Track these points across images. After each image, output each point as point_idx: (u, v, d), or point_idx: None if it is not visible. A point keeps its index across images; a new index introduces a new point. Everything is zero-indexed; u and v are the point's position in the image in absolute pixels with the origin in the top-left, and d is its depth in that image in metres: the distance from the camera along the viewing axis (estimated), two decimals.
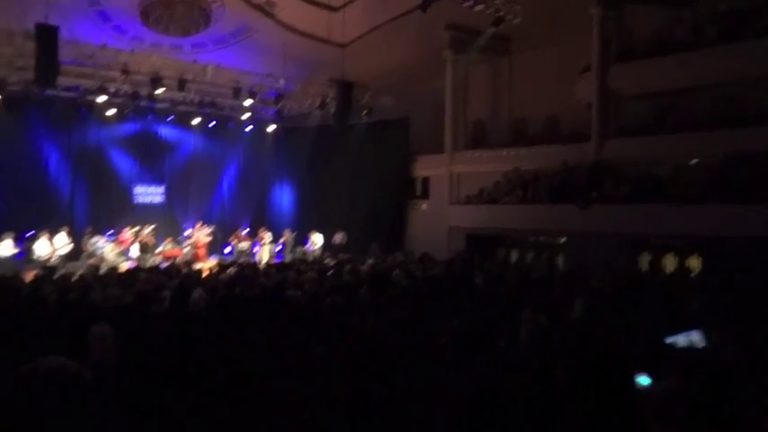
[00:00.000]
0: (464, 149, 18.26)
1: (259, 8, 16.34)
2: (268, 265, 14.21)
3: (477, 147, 18.33)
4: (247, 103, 17.85)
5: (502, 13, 14.15)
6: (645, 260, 13.29)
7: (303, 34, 17.20)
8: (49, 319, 6.65)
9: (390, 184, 19.68)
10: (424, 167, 19.60)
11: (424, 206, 19.53)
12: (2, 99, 15.72)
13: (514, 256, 16.68)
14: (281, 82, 17.83)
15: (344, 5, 15.28)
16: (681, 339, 4.56)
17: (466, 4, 13.34)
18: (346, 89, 16.06)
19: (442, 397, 3.99)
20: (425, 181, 19.67)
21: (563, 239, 15.26)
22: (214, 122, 20.19)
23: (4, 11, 11.96)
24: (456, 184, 18.24)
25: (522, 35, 17.02)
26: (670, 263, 12.97)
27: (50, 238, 14.97)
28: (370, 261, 14.22)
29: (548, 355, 5.40)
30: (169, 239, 17.97)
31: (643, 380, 2.75)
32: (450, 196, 18.17)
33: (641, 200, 12.76)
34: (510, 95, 18.36)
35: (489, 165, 17.31)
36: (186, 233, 18.60)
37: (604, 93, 14.89)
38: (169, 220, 19.56)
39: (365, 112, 18.90)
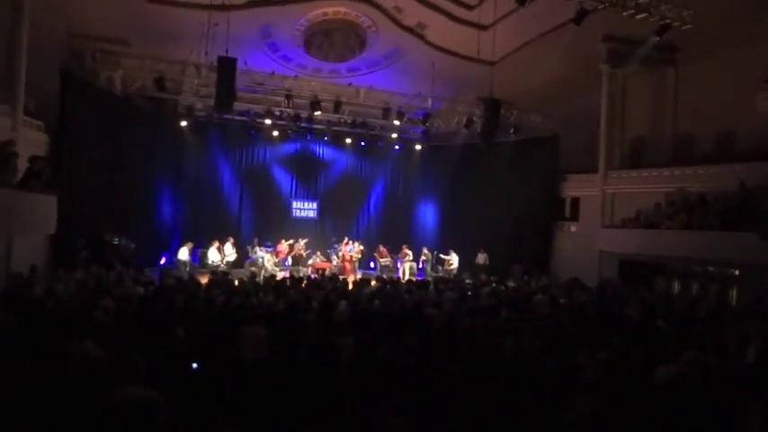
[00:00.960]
0: (620, 168, 16.98)
1: (411, 30, 16.97)
2: (409, 281, 14.45)
3: (634, 166, 16.91)
4: (396, 122, 18.48)
5: (668, 21, 13.00)
6: None
7: (452, 54, 17.47)
8: (215, 317, 7.44)
9: (537, 204, 18.97)
10: (575, 187, 18.59)
11: (572, 228, 18.49)
12: (189, 124, 18.14)
13: (676, 286, 15.04)
14: (429, 102, 18.22)
15: (495, 23, 15.19)
16: None
17: (626, 13, 12.48)
18: (494, 106, 15.88)
19: None
20: (575, 202, 18.61)
21: (736, 271, 13.42)
22: (364, 142, 21.21)
23: (194, 47, 13.84)
24: (609, 206, 16.98)
25: (690, 43, 15.48)
26: None
27: (220, 247, 16.83)
28: (512, 284, 13.81)
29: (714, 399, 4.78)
30: (319, 252, 19.14)
31: None
32: (603, 218, 16.95)
33: None
34: (675, 110, 16.69)
35: (648, 185, 15.87)
36: (335, 247, 19.64)
37: None
38: (320, 234, 20.90)
39: (513, 130, 18.52)
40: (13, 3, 11.16)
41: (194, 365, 5.18)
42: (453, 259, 18.92)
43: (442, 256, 19.60)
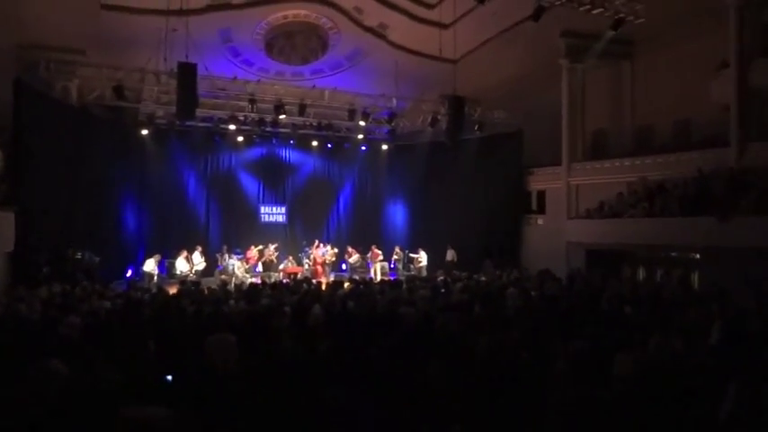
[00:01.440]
0: (583, 160, 17.38)
1: (372, 31, 17.00)
2: (382, 281, 14.47)
3: (596, 157, 17.35)
4: (362, 123, 18.48)
5: (622, 15, 13.38)
6: None
7: (415, 53, 17.58)
8: (186, 328, 7.30)
9: (504, 198, 19.25)
10: (540, 181, 18.94)
11: (539, 221, 18.84)
12: (150, 132, 17.74)
13: (641, 273, 15.47)
14: (394, 101, 18.27)
15: (455, 21, 15.36)
16: None
17: (582, 9, 12.79)
18: (458, 104, 16.04)
19: (559, 423, 3.78)
20: (541, 195, 18.97)
21: (697, 255, 13.90)
22: (331, 144, 21.14)
23: (152, 54, 13.54)
24: (574, 198, 17.38)
25: (644, 36, 15.98)
26: None
27: (188, 257, 16.51)
28: (484, 278, 13.97)
29: (681, 383, 4.93)
30: (290, 257, 18.98)
31: None
32: (569, 210, 17.34)
33: None
34: (633, 101, 17.22)
35: (611, 176, 16.32)
36: (306, 250, 19.50)
37: (745, 91, 13.46)
38: (290, 239, 20.72)
39: (477, 126, 18.74)
40: None
41: (169, 378, 5.07)
42: (422, 257, 19.05)
43: (411, 255, 19.71)
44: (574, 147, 17.46)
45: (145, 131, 17.62)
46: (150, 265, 15.64)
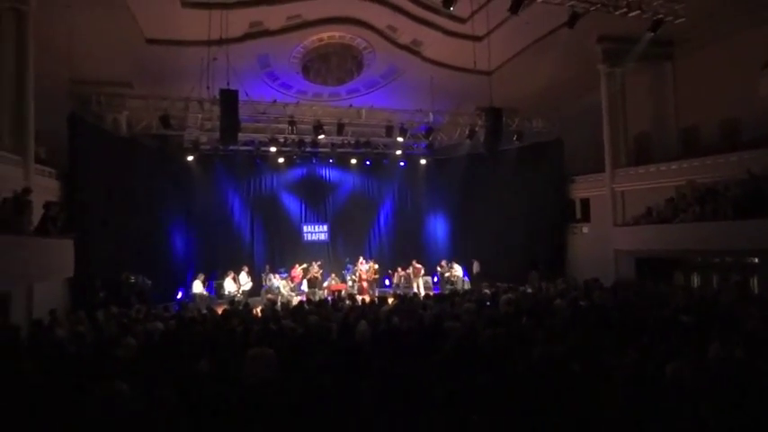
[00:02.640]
0: (626, 166, 16.94)
1: (406, 48, 17.17)
2: (426, 296, 14.41)
3: (641, 162, 16.86)
4: (399, 139, 18.59)
5: (660, 16, 13.07)
6: None
7: (449, 67, 17.62)
8: (236, 347, 7.45)
9: (547, 208, 18.93)
10: (583, 188, 18.54)
11: (585, 229, 18.40)
12: (196, 158, 18.37)
13: (696, 280, 14.88)
14: (431, 116, 18.32)
15: (488, 33, 15.35)
16: None
17: (618, 12, 12.57)
18: (495, 115, 15.96)
19: None
20: (585, 203, 18.56)
21: (755, 259, 13.27)
22: (370, 161, 21.34)
23: (195, 83, 14.07)
24: (620, 204, 16.90)
25: (686, 36, 15.55)
26: None
27: (235, 277, 16.89)
28: (530, 290, 13.73)
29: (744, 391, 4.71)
30: (333, 274, 19.15)
31: None
32: (615, 218, 16.88)
33: None
34: (676, 103, 16.70)
35: (657, 180, 15.82)
36: (349, 267, 19.64)
37: None
38: (333, 256, 20.94)
39: (516, 136, 18.58)
40: (17, 53, 11.43)
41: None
42: (457, 270, 18.92)
43: (439, 268, 19.64)
44: (617, 152, 17.04)
45: (190, 157, 18.26)
46: (198, 287, 16.07)
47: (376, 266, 19.63)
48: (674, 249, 14.54)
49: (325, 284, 18.64)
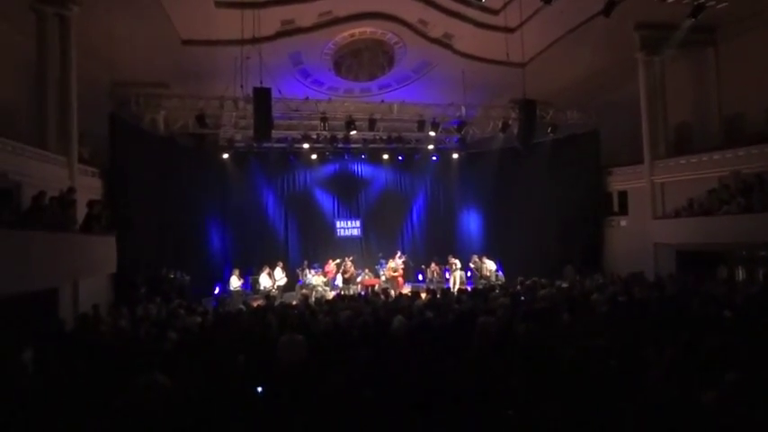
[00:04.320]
0: (666, 157, 16.43)
1: (438, 42, 17.05)
2: (459, 290, 14.34)
3: (681, 153, 16.32)
4: (432, 134, 18.51)
5: (701, 1, 12.62)
6: None
7: (481, 60, 17.42)
8: (271, 341, 7.58)
9: (583, 200, 18.53)
10: (621, 180, 18.08)
11: (623, 222, 17.95)
12: (231, 155, 18.70)
13: (740, 274, 14.36)
14: (463, 110, 18.15)
15: (521, 24, 15.11)
16: None
17: None
18: (529, 108, 15.70)
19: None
20: (623, 195, 18.08)
21: None
22: (402, 156, 21.31)
23: (229, 82, 14.33)
24: (660, 197, 16.43)
25: (729, 21, 14.98)
26: None
27: (270, 273, 17.15)
28: (565, 284, 13.51)
29: None
30: (367, 269, 19.24)
31: None
32: (654, 210, 16.42)
33: None
34: (719, 91, 16.06)
35: (699, 171, 15.30)
36: (382, 263, 19.68)
37: None
38: (366, 251, 21.04)
39: (550, 129, 18.25)
40: (61, 58, 11.85)
41: (259, 389, 5.29)
42: (489, 265, 18.76)
43: (471, 264, 19.46)
44: (656, 143, 16.55)
45: (225, 155, 18.60)
46: (235, 282, 16.39)
47: (403, 260, 19.56)
48: (717, 242, 14.06)
49: (359, 279, 18.74)
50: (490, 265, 18.77)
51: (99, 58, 14.12)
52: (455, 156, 21.72)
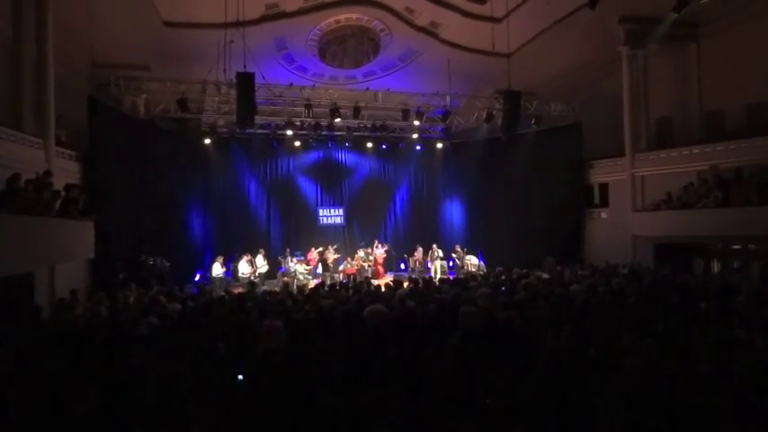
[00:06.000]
0: (647, 150, 16.65)
1: (424, 30, 16.97)
2: (441, 280, 14.41)
3: (662, 146, 16.55)
4: (416, 123, 18.47)
5: None
6: None
7: (467, 49, 17.41)
8: (251, 328, 7.54)
9: (565, 192, 18.73)
10: (602, 173, 18.30)
11: (603, 215, 18.20)
12: (213, 141, 18.47)
13: (716, 267, 14.66)
14: (447, 99, 18.14)
15: (508, 15, 15.11)
16: None
17: None
18: (513, 99, 15.74)
19: (629, 423, 3.66)
20: (603, 188, 18.32)
21: None
22: (386, 145, 21.26)
23: (212, 66, 14.09)
24: (640, 189, 16.66)
25: (711, 16, 15.18)
26: None
27: (251, 260, 17.02)
28: (546, 275, 13.65)
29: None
30: (349, 258, 19.22)
31: None
32: (634, 203, 16.66)
33: None
34: (700, 86, 16.28)
35: (678, 165, 15.54)
36: (364, 251, 19.67)
37: None
38: (348, 240, 21.00)
39: (534, 120, 18.33)
40: (37, 37, 11.52)
41: (240, 377, 5.26)
42: (472, 260, 18.93)
43: (453, 254, 19.66)
44: (637, 136, 16.75)
45: (207, 141, 18.35)
46: (217, 269, 16.25)
47: (384, 248, 19.62)
48: (694, 235, 14.34)
49: (341, 268, 18.72)
50: (473, 260, 18.89)
51: (77, 38, 13.76)
52: (439, 145, 21.72)
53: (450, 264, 19.62)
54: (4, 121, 10.51)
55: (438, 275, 17.56)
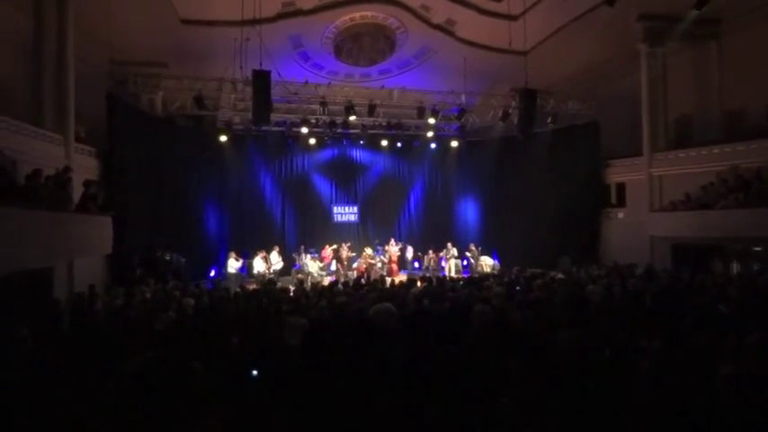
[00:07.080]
0: (666, 150, 16.41)
1: (440, 28, 16.90)
2: (455, 278, 14.36)
3: (681, 146, 16.29)
4: (431, 121, 18.41)
5: None
6: None
7: (483, 47, 17.29)
8: (266, 324, 7.59)
9: (581, 192, 18.54)
10: (619, 173, 18.08)
11: (620, 215, 17.99)
12: (229, 138, 18.60)
13: (735, 268, 14.41)
14: (463, 98, 18.07)
15: (524, 12, 14.98)
16: None
17: None
18: (529, 97, 15.61)
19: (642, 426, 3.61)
20: (620, 187, 18.10)
21: None
22: (401, 143, 21.23)
23: (228, 64, 14.18)
24: (657, 189, 16.44)
25: (733, 13, 14.89)
26: None
27: (265, 257, 17.13)
28: (560, 275, 13.53)
29: None
30: (363, 255, 19.25)
31: None
32: (651, 203, 16.44)
33: None
34: (721, 85, 15.98)
35: (698, 165, 15.30)
36: (379, 249, 19.70)
37: None
38: (362, 238, 21.03)
39: (550, 119, 18.18)
40: (57, 35, 11.70)
41: (254, 372, 5.29)
42: (487, 260, 18.87)
43: (467, 253, 19.62)
44: (655, 136, 16.52)
45: (223, 138, 18.47)
46: (232, 265, 16.38)
47: (398, 246, 19.63)
48: (713, 236, 14.10)
49: (355, 265, 18.76)
50: (487, 260, 18.82)
51: (97, 36, 13.94)
52: (454, 143, 21.65)
53: (465, 263, 19.55)
54: (25, 118, 10.69)
55: (453, 273, 17.51)
